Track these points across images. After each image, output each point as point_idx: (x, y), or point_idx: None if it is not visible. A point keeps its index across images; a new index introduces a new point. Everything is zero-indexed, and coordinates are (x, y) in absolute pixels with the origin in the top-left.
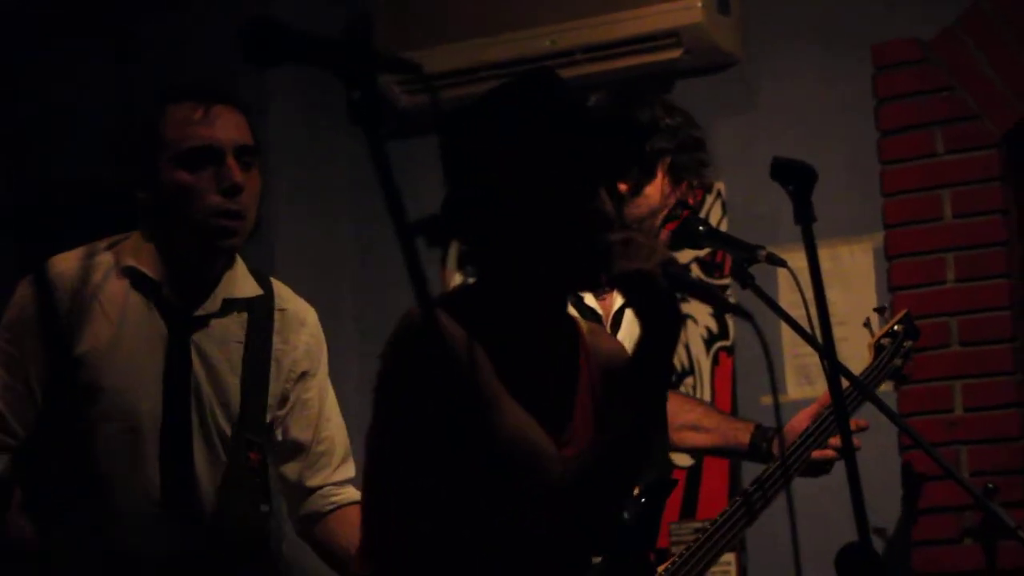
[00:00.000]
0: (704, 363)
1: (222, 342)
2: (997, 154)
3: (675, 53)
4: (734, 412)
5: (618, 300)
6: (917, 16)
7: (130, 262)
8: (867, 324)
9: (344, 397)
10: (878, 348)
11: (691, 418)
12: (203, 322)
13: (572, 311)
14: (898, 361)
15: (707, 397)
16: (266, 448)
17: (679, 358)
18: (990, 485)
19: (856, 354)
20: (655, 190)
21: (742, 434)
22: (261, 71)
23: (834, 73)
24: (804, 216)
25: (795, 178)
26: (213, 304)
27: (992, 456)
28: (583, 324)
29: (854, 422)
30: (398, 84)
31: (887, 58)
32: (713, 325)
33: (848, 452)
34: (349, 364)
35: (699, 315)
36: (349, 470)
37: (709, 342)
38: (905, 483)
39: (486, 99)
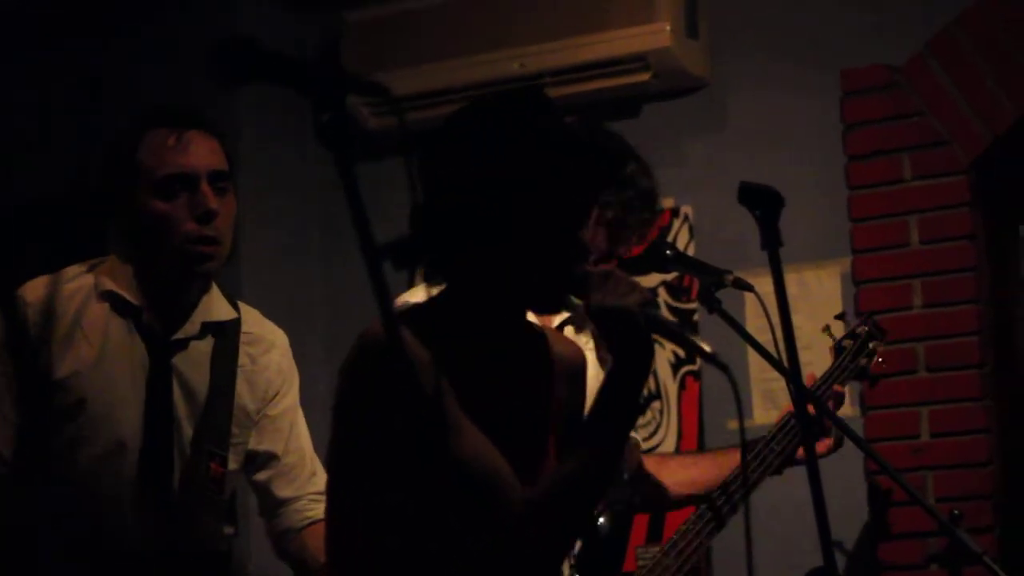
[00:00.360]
0: (671, 387)
1: (199, 364)
2: (966, 180)
3: (643, 76)
4: (701, 436)
5: (557, 318)
6: (886, 41)
7: (110, 286)
8: (827, 329)
9: (312, 419)
10: (839, 349)
11: (690, 474)
12: (182, 345)
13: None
14: (863, 360)
15: (674, 421)
16: (228, 462)
17: (647, 383)
18: (956, 511)
19: None
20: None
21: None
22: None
23: (803, 97)
24: (771, 241)
25: (762, 203)
26: (192, 328)
27: (959, 482)
28: (548, 333)
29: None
30: (366, 106)
31: (856, 83)
32: (680, 350)
33: (814, 475)
34: (317, 385)
35: (666, 340)
36: (321, 483)
37: (676, 366)
38: (871, 508)
39: (473, 112)
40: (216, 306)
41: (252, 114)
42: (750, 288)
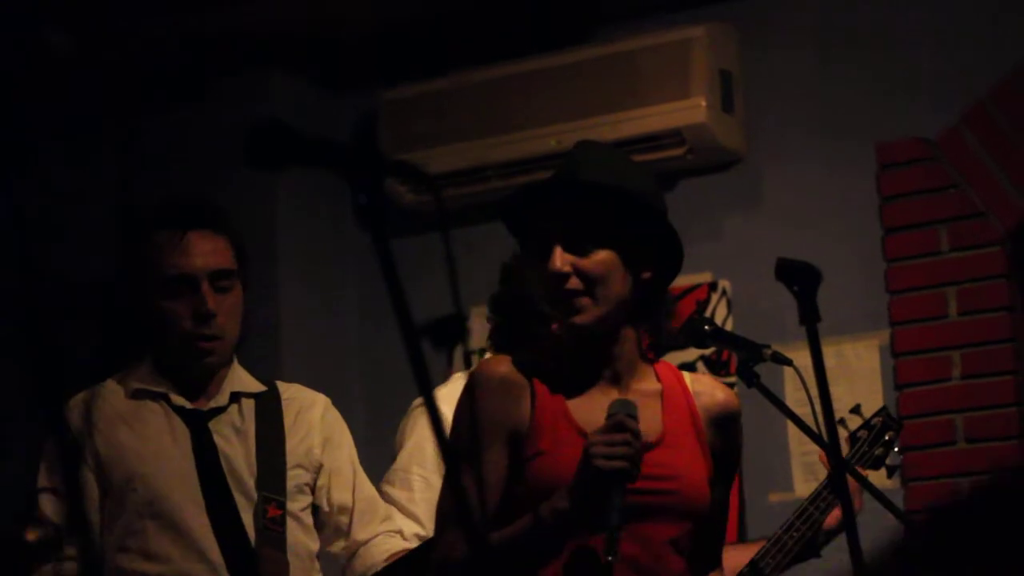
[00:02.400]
0: None
1: (236, 428)
2: (1002, 251)
3: (679, 152)
4: (742, 511)
5: None
6: (920, 114)
7: (136, 385)
8: (842, 422)
9: None
10: (853, 439)
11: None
12: (216, 413)
13: None
14: (879, 450)
15: None
16: (284, 504)
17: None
18: None
19: None
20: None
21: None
22: (268, 175)
23: (838, 170)
24: (809, 316)
25: (800, 279)
26: (222, 398)
27: None
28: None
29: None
30: (403, 184)
31: (891, 156)
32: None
33: (855, 549)
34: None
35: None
36: (395, 524)
37: None
38: None
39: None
40: (243, 379)
41: (290, 194)
42: (788, 362)
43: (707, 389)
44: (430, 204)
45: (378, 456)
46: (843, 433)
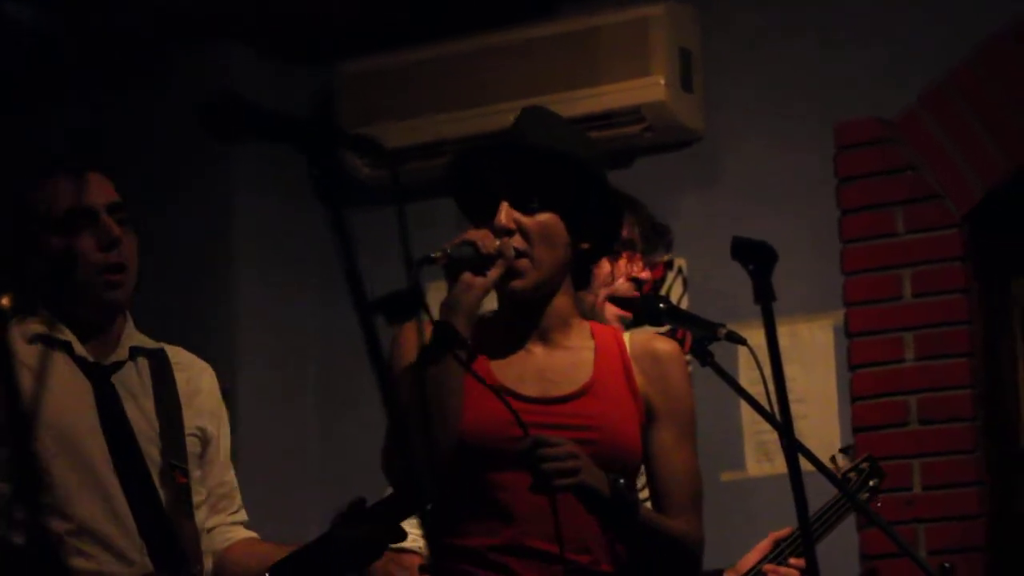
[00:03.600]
0: None
1: (137, 387)
2: (958, 233)
3: (637, 129)
4: None
5: None
6: (879, 95)
7: (38, 330)
8: (833, 460)
9: (305, 471)
10: (844, 481)
11: None
12: (117, 367)
13: None
14: (865, 495)
15: None
16: (188, 473)
17: None
18: (947, 564)
19: (814, 431)
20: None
21: None
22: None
23: (796, 150)
24: (764, 295)
25: (755, 258)
26: (122, 351)
27: (950, 534)
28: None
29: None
30: (360, 157)
31: (849, 137)
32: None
33: (806, 532)
34: (311, 438)
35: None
36: (243, 515)
37: None
38: (862, 562)
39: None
40: (138, 335)
41: (249, 168)
42: (743, 341)
43: (642, 339)
44: (388, 178)
45: (330, 436)
46: (834, 469)
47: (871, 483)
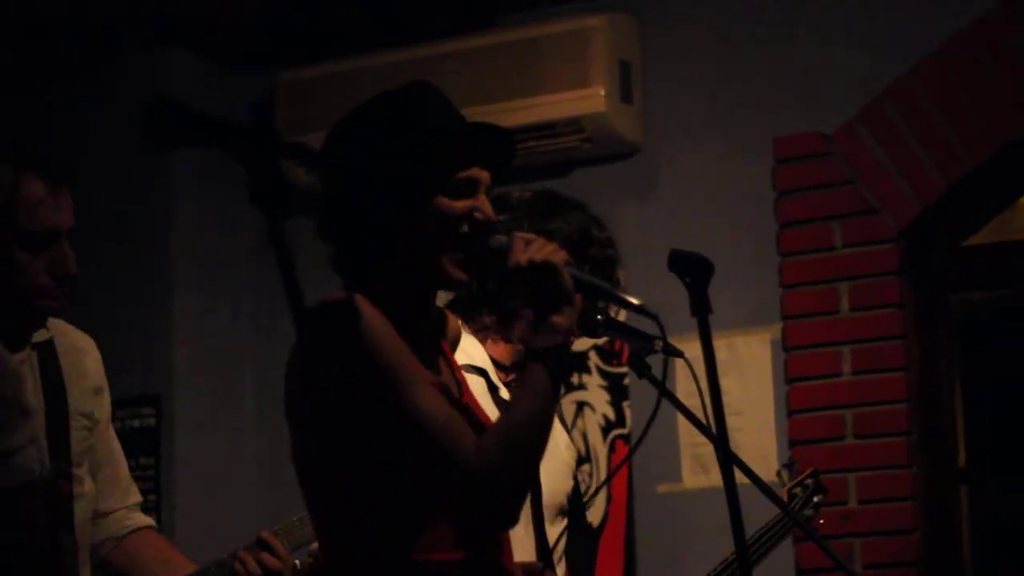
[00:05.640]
0: (601, 451)
1: (29, 378)
2: (895, 248)
3: (577, 140)
4: (630, 500)
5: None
6: (818, 110)
7: None
8: (779, 475)
9: (244, 471)
10: (791, 496)
11: None
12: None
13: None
14: (809, 511)
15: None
16: (73, 479)
17: (577, 446)
18: None
19: (751, 444)
20: None
21: None
22: (163, 152)
23: (735, 164)
24: (701, 308)
25: (692, 271)
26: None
27: (886, 549)
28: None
29: None
30: (299, 165)
31: (788, 151)
32: (610, 413)
33: (740, 544)
34: (248, 441)
35: (597, 403)
36: (137, 494)
37: (606, 429)
38: (798, 575)
39: (363, 111)
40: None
41: (185, 167)
42: (680, 354)
43: None
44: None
45: (267, 439)
46: (780, 485)
47: (815, 499)
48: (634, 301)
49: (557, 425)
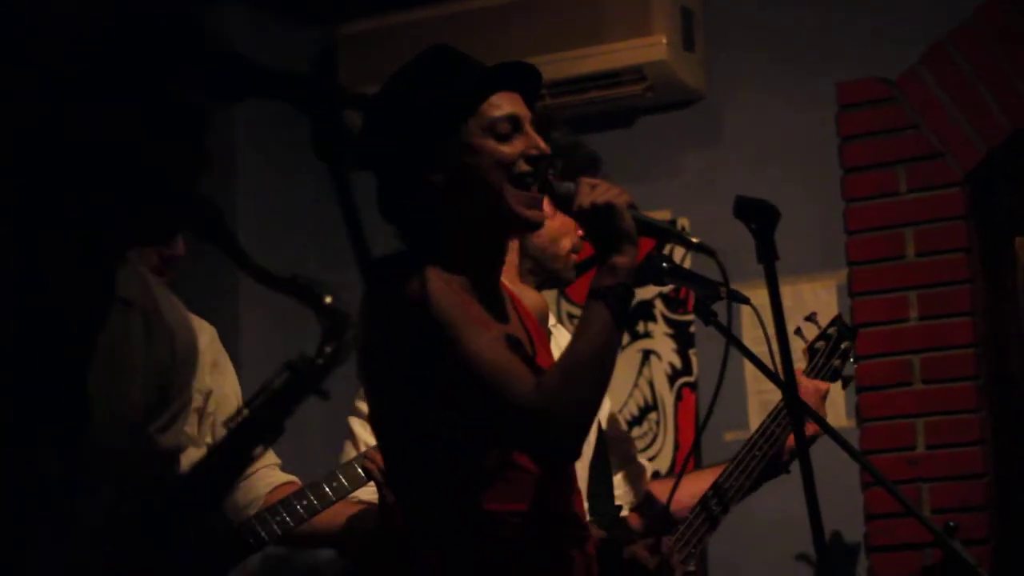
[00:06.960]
0: (667, 399)
1: None
2: (960, 193)
3: (639, 88)
4: (697, 447)
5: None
6: (881, 55)
7: None
8: (798, 331)
9: (311, 433)
10: (812, 352)
11: (693, 491)
12: None
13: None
14: (836, 361)
15: (670, 433)
16: None
17: (643, 394)
18: (951, 523)
19: None
20: (552, 217)
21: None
22: (226, 106)
23: (798, 110)
24: (767, 255)
25: (758, 217)
26: None
27: (954, 494)
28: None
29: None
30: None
31: (851, 96)
32: (677, 361)
33: (810, 489)
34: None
35: (663, 351)
36: (272, 456)
37: (672, 378)
38: (867, 520)
39: (386, 88)
40: None
41: (250, 127)
42: (746, 300)
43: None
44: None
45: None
46: (800, 345)
47: (843, 346)
48: (694, 240)
49: None
